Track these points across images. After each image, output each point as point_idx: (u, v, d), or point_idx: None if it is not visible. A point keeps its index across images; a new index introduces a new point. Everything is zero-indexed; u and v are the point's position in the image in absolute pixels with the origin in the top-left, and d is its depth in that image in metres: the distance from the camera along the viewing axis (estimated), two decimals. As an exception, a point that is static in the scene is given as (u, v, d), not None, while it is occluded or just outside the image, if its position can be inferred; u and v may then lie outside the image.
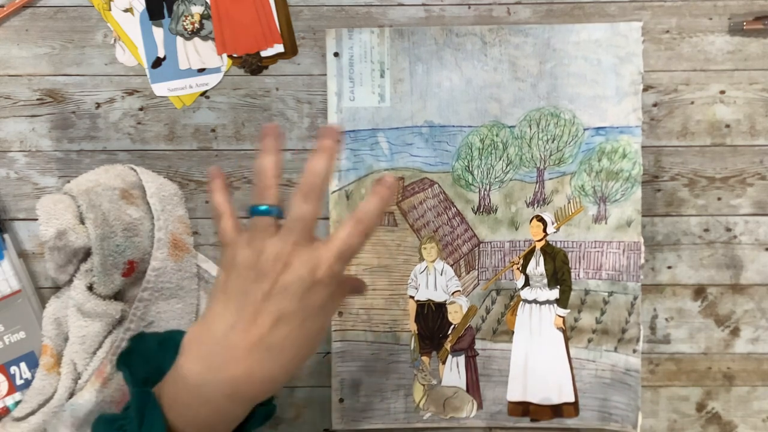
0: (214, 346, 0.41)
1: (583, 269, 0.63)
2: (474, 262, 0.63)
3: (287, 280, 0.40)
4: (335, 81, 0.62)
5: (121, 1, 0.62)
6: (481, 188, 0.62)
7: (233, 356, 0.40)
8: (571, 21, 0.62)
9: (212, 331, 0.41)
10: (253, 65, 0.62)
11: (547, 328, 0.63)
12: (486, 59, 0.61)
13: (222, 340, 0.41)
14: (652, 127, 0.63)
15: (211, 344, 0.41)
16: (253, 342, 0.40)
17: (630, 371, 0.63)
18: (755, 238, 0.64)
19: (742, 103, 0.63)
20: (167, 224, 0.60)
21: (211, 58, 0.62)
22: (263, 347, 0.40)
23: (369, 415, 0.63)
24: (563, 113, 0.62)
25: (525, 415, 0.63)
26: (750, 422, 0.65)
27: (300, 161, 0.63)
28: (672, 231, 0.64)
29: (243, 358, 0.40)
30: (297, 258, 0.41)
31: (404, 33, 0.61)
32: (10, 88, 0.62)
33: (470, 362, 0.63)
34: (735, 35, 0.62)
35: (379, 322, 0.63)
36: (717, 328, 0.64)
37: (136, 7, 0.61)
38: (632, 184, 0.62)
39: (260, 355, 0.40)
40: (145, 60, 0.62)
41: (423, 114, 0.62)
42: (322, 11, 0.62)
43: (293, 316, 0.41)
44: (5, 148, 0.63)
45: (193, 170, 0.63)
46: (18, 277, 0.61)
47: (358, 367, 0.63)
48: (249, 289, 0.41)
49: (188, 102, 0.62)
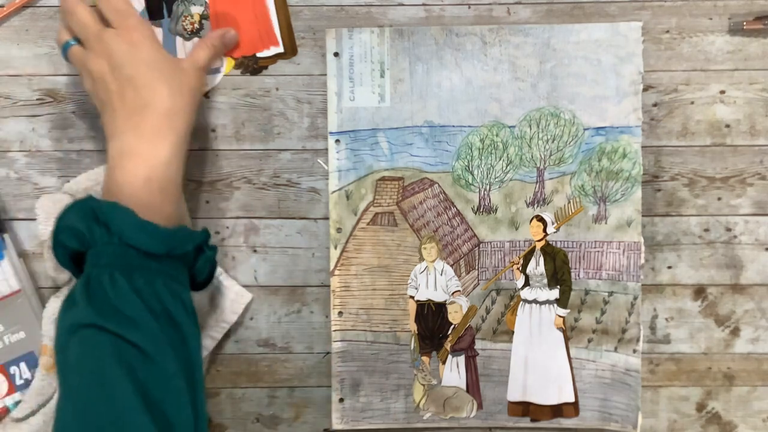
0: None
1: (583, 269, 0.63)
2: (474, 262, 0.63)
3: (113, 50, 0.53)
4: (335, 81, 0.62)
5: None
6: (481, 188, 0.62)
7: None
8: (571, 21, 0.62)
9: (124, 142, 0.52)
10: (249, 67, 0.62)
11: (547, 328, 0.63)
12: (486, 59, 0.61)
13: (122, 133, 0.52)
14: (652, 127, 0.63)
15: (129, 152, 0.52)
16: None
17: (630, 371, 0.63)
18: (755, 238, 0.64)
19: (742, 103, 0.63)
20: (167, 224, 0.60)
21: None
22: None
23: (369, 415, 0.63)
24: (563, 113, 0.62)
25: (525, 415, 0.63)
26: (750, 422, 0.65)
27: (300, 161, 0.63)
28: (672, 231, 0.64)
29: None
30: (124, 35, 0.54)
31: (404, 33, 0.61)
32: (10, 88, 0.62)
33: (470, 362, 0.63)
34: (735, 35, 0.62)
35: (379, 322, 0.63)
36: (717, 328, 0.64)
37: (135, 7, 0.61)
38: (632, 184, 0.62)
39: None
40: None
41: (423, 114, 0.62)
42: (322, 11, 0.62)
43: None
44: (5, 148, 0.63)
45: (193, 170, 0.63)
46: (18, 277, 0.61)
47: (358, 367, 0.63)
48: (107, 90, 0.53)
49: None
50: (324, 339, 0.64)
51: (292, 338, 0.64)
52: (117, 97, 0.53)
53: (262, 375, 0.65)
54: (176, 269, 0.51)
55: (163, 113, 0.52)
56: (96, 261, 0.49)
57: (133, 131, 0.52)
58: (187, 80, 0.55)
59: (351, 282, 0.63)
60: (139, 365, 0.46)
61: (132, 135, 0.52)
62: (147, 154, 0.51)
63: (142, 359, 0.46)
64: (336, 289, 0.63)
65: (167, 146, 0.52)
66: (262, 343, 0.64)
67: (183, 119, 0.54)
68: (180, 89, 0.54)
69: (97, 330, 0.46)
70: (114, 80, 0.53)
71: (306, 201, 0.63)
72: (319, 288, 0.64)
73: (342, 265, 0.63)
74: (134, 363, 0.46)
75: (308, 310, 0.64)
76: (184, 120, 0.54)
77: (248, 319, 0.64)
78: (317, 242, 0.64)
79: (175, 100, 0.53)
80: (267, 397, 0.65)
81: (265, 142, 0.63)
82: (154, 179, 0.51)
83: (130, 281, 0.47)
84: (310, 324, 0.64)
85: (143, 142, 0.52)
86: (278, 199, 0.63)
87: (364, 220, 0.63)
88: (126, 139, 0.52)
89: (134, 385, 0.45)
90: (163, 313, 0.48)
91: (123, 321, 0.46)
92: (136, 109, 0.52)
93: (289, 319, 0.64)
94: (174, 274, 0.51)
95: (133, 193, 0.50)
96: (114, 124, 0.53)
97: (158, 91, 0.53)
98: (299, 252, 0.64)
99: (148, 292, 0.48)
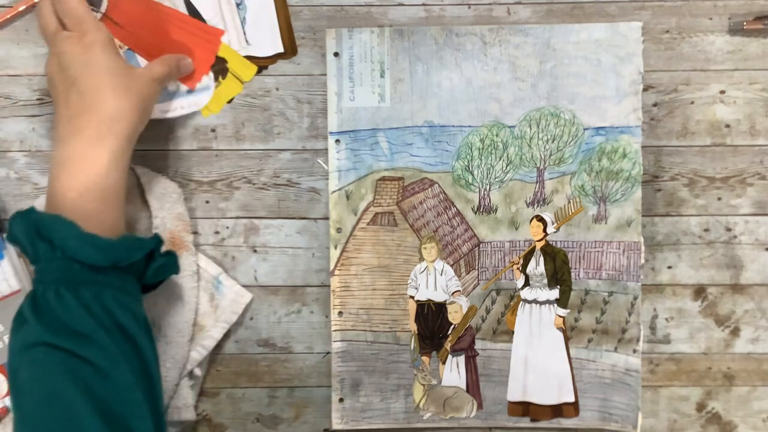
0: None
1: (583, 269, 0.63)
2: (474, 262, 0.63)
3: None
4: (335, 81, 0.62)
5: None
6: (481, 188, 0.62)
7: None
8: (571, 21, 0.62)
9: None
10: (219, 71, 0.61)
11: (547, 328, 0.63)
12: (486, 59, 0.61)
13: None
14: (652, 127, 0.63)
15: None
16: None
17: (630, 371, 0.63)
18: (755, 238, 0.64)
19: (742, 103, 0.63)
20: (165, 222, 0.60)
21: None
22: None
23: (369, 415, 0.63)
24: (563, 113, 0.62)
25: (525, 415, 0.63)
26: (750, 422, 0.65)
27: (300, 161, 0.63)
28: (672, 231, 0.64)
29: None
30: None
31: (404, 33, 0.61)
32: (10, 88, 0.62)
33: (470, 362, 0.63)
34: (735, 35, 0.62)
35: (379, 322, 0.63)
36: (717, 328, 0.64)
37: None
38: (632, 184, 0.62)
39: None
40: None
41: (423, 114, 0.62)
42: (322, 11, 0.62)
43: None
44: (5, 148, 0.63)
45: (193, 170, 0.63)
46: (18, 277, 0.61)
47: (358, 367, 0.63)
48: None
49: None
50: (324, 339, 0.64)
51: (292, 338, 0.64)
52: (62, 100, 0.52)
53: (262, 375, 0.65)
54: (124, 280, 0.50)
55: (104, 117, 0.51)
56: (41, 277, 0.48)
57: (75, 136, 0.50)
58: (136, 85, 0.53)
59: (351, 282, 0.63)
60: (95, 381, 0.45)
61: (73, 140, 0.50)
62: (86, 161, 0.50)
63: (97, 375, 0.45)
64: (336, 289, 0.63)
65: (107, 152, 0.50)
66: (262, 343, 0.64)
67: (126, 124, 0.52)
68: (126, 93, 0.52)
69: (48, 348, 0.45)
70: (61, 82, 0.52)
71: (306, 201, 0.63)
72: (319, 288, 0.64)
73: (342, 265, 0.63)
74: (90, 380, 0.45)
75: (308, 310, 0.64)
76: (127, 125, 0.52)
77: (248, 319, 0.64)
78: (317, 242, 0.64)
79: (119, 104, 0.51)
80: (267, 397, 0.65)
81: (265, 142, 0.63)
82: (94, 188, 0.49)
83: (77, 296, 0.46)
84: (310, 324, 0.64)
85: (83, 148, 0.50)
86: (278, 199, 0.63)
87: (364, 220, 0.63)
88: (67, 144, 0.50)
89: (92, 403, 0.44)
90: (114, 326, 0.47)
91: (74, 337, 0.45)
92: (78, 112, 0.51)
93: (289, 319, 0.64)
94: (122, 286, 0.50)
95: (73, 203, 0.49)
96: (58, 128, 0.52)
97: (102, 94, 0.51)
98: (299, 252, 0.64)
99: (97, 306, 0.47)
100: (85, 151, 0.50)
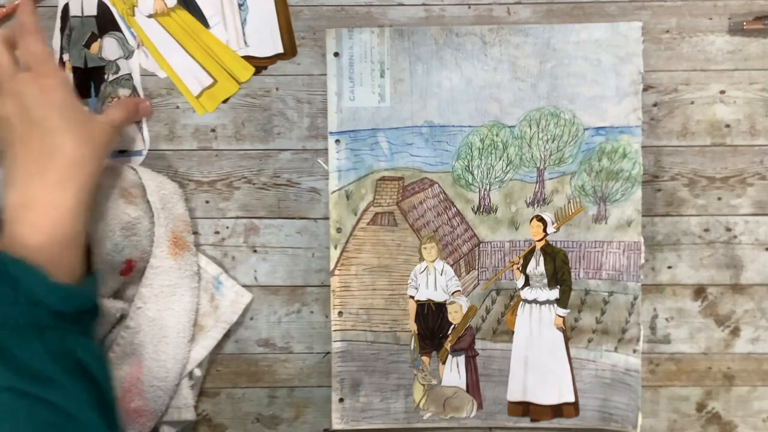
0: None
1: (583, 269, 0.63)
2: (474, 262, 0.63)
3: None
4: (335, 81, 0.62)
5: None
6: (481, 188, 0.62)
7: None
8: (571, 21, 0.62)
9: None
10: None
11: (547, 328, 0.63)
12: (486, 59, 0.61)
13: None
14: (652, 127, 0.63)
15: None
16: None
17: (630, 371, 0.63)
18: (755, 238, 0.64)
19: (742, 103, 0.63)
20: (167, 222, 0.60)
21: (131, 142, 0.62)
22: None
23: (369, 415, 0.63)
24: (563, 113, 0.62)
25: (525, 415, 0.63)
26: (750, 422, 0.65)
27: (300, 161, 0.63)
28: (672, 231, 0.64)
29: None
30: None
31: (404, 33, 0.61)
32: (10, 88, 0.62)
33: (470, 362, 0.63)
34: (735, 35, 0.62)
35: (379, 322, 0.63)
36: (717, 328, 0.64)
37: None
38: (632, 184, 0.62)
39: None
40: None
41: (423, 114, 0.62)
42: (322, 11, 0.62)
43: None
44: (5, 148, 0.63)
45: (193, 170, 0.63)
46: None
47: (358, 367, 0.63)
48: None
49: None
50: (324, 339, 0.64)
51: (292, 338, 0.64)
52: (21, 141, 0.50)
53: (262, 375, 0.65)
54: (85, 321, 0.50)
55: (67, 161, 0.50)
56: (4, 321, 0.47)
57: (35, 179, 0.49)
58: (97, 133, 0.52)
59: (351, 282, 0.63)
60: (62, 425, 0.45)
61: (33, 183, 0.49)
62: (49, 205, 0.49)
63: (63, 418, 0.45)
64: (336, 289, 0.63)
65: (70, 197, 0.49)
66: (262, 343, 0.64)
67: (87, 171, 0.51)
68: (88, 139, 0.51)
69: (13, 394, 0.44)
70: (20, 123, 0.50)
71: (306, 201, 0.63)
72: (319, 288, 0.64)
73: (342, 265, 0.63)
74: (57, 424, 0.44)
75: (308, 310, 0.64)
76: (88, 171, 0.51)
77: (248, 319, 0.64)
78: (317, 242, 0.64)
79: (82, 150, 0.51)
80: (267, 397, 0.65)
81: (265, 142, 0.63)
82: (60, 232, 0.49)
83: (42, 342, 0.46)
84: (310, 324, 0.64)
85: (45, 192, 0.49)
86: (278, 199, 0.63)
87: (364, 220, 0.63)
88: (27, 187, 0.49)
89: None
90: (77, 368, 0.47)
91: (39, 382, 0.45)
92: (39, 155, 0.49)
93: (289, 319, 0.64)
94: (83, 327, 0.50)
95: (39, 247, 0.48)
96: (15, 170, 0.50)
97: (65, 137, 0.50)
98: (299, 252, 0.64)
99: (60, 350, 0.46)
100: (50, 195, 0.49)
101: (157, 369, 0.59)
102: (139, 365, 0.59)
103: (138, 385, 0.59)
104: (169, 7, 0.62)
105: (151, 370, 0.59)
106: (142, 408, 0.59)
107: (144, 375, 0.59)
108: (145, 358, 0.59)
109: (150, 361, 0.59)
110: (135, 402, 0.59)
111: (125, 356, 0.58)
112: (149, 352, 0.59)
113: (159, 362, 0.59)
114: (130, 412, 0.58)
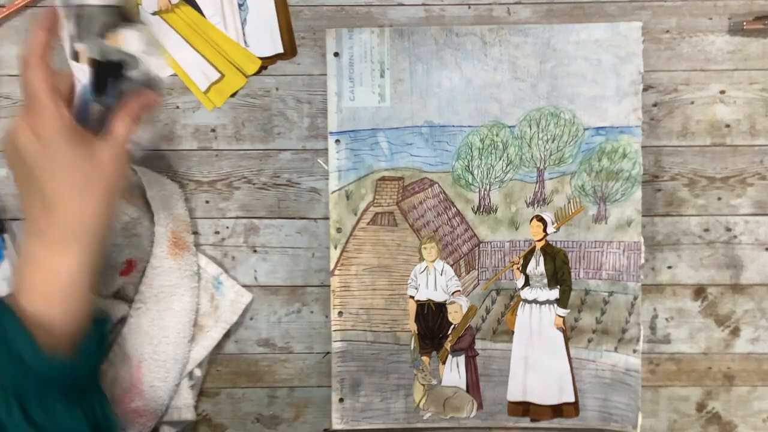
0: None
1: (583, 269, 0.63)
2: (474, 262, 0.63)
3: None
4: (335, 81, 0.62)
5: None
6: (481, 188, 0.62)
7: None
8: (571, 21, 0.62)
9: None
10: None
11: (547, 328, 0.63)
12: (486, 59, 0.61)
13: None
14: (652, 127, 0.63)
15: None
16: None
17: (630, 371, 0.63)
18: (755, 238, 0.64)
19: (742, 103, 0.63)
20: (167, 222, 0.60)
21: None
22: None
23: (369, 415, 0.63)
24: (563, 113, 0.62)
25: (525, 415, 0.63)
26: (750, 422, 0.65)
27: (300, 161, 0.63)
28: (672, 231, 0.64)
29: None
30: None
31: (404, 33, 0.61)
32: (10, 88, 0.62)
33: (470, 362, 0.63)
34: (735, 35, 0.62)
35: (379, 322, 0.63)
36: (717, 328, 0.64)
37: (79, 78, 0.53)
38: (632, 184, 0.62)
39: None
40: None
41: (423, 114, 0.62)
42: (322, 11, 0.62)
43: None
44: (5, 148, 0.63)
45: (193, 170, 0.63)
46: (18, 277, 0.61)
47: (358, 367, 0.63)
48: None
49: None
50: (324, 339, 0.64)
51: (292, 338, 0.64)
52: (26, 197, 0.48)
53: (262, 375, 0.65)
54: (80, 379, 0.49)
55: (69, 222, 0.47)
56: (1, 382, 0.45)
57: (37, 238, 0.47)
58: (102, 175, 0.48)
59: (351, 282, 0.63)
60: None
61: (35, 242, 0.47)
62: (49, 268, 0.47)
63: None
64: (336, 289, 0.63)
65: (71, 260, 0.47)
66: (262, 343, 0.64)
67: (92, 226, 0.48)
68: (92, 190, 0.47)
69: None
70: (19, 167, 0.47)
71: (306, 201, 0.63)
72: (319, 288, 0.64)
73: (342, 265, 0.63)
74: None
75: (308, 310, 0.64)
76: (93, 227, 0.48)
77: (248, 319, 0.64)
78: (317, 242, 0.64)
79: (85, 206, 0.47)
80: (267, 397, 0.65)
81: (265, 142, 0.63)
82: (59, 294, 0.46)
83: (25, 411, 0.45)
84: (310, 324, 0.64)
85: (45, 253, 0.47)
86: (278, 199, 0.63)
87: (364, 220, 0.63)
88: (31, 245, 0.47)
89: None
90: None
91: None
92: (41, 213, 0.47)
93: (289, 319, 0.64)
94: (77, 385, 0.48)
95: (37, 309, 0.46)
96: (25, 222, 0.48)
97: (66, 196, 0.47)
98: (299, 252, 0.64)
99: (43, 419, 0.45)
100: (50, 258, 0.47)
101: (157, 369, 0.59)
102: (139, 365, 0.59)
103: (138, 385, 0.59)
104: (173, 3, 0.62)
105: (151, 370, 0.59)
106: (142, 408, 0.59)
107: (144, 375, 0.59)
108: (145, 358, 0.59)
109: (150, 361, 0.59)
110: (135, 402, 0.59)
111: (125, 356, 0.58)
112: (149, 352, 0.59)
113: (159, 362, 0.59)
114: (130, 412, 0.58)
